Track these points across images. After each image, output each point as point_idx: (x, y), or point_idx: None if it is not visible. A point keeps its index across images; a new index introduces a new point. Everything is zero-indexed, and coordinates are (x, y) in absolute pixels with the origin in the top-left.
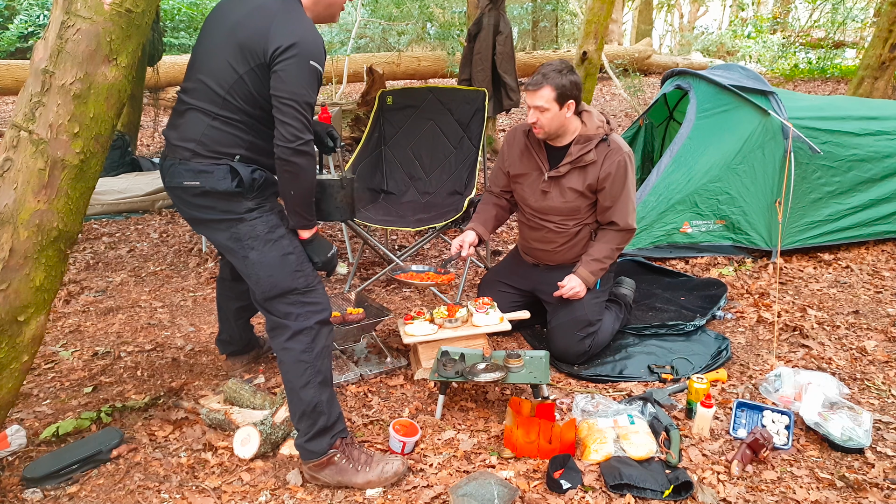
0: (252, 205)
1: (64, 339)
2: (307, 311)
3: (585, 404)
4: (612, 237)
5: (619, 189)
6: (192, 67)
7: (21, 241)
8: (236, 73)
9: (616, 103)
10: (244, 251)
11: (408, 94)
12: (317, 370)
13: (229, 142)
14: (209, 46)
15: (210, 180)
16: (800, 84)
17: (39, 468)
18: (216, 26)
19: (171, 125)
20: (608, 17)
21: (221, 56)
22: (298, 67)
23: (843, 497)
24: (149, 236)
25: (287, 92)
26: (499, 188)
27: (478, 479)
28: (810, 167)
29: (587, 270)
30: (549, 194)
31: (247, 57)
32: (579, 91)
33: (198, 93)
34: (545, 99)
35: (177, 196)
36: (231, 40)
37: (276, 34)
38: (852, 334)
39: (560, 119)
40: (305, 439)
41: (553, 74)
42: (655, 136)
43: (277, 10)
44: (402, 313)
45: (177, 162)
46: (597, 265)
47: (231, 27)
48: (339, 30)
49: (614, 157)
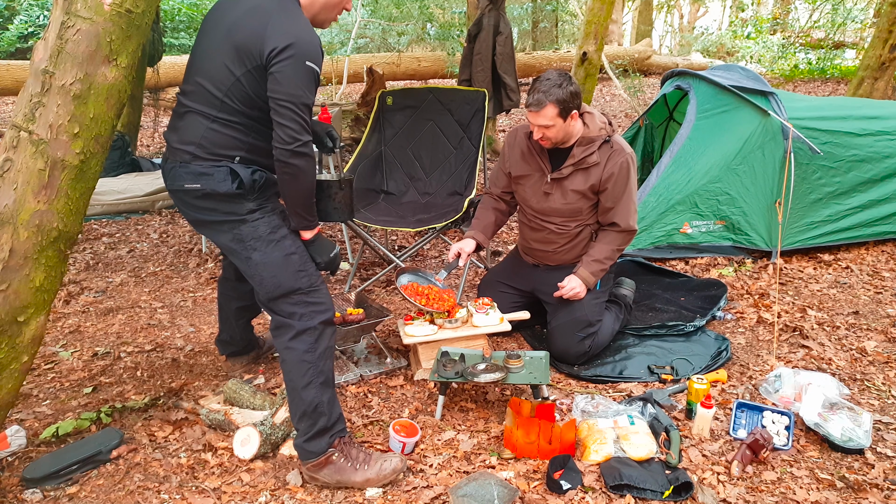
0: (253, 206)
1: (64, 340)
2: (311, 311)
3: (585, 405)
4: (613, 238)
5: (622, 190)
6: (189, 70)
7: (21, 242)
8: (233, 75)
9: (616, 104)
10: (247, 252)
11: (408, 95)
12: (319, 370)
13: (228, 143)
14: (206, 48)
15: (210, 182)
16: (800, 85)
17: (39, 469)
18: (213, 28)
19: (172, 128)
20: (608, 17)
21: (218, 58)
22: (295, 69)
23: (843, 498)
24: (149, 237)
25: (284, 94)
26: (499, 189)
27: (478, 479)
28: (810, 168)
29: (587, 271)
30: (551, 196)
31: (243, 59)
32: (580, 98)
33: (196, 95)
34: (549, 117)
35: (179, 198)
36: (227, 42)
37: (271, 35)
38: (852, 335)
39: (565, 129)
40: (304, 439)
41: (553, 91)
42: (655, 136)
43: (273, 9)
44: (402, 314)
45: (177, 165)
46: (597, 266)
47: (227, 28)
48: (339, 30)
49: (617, 158)
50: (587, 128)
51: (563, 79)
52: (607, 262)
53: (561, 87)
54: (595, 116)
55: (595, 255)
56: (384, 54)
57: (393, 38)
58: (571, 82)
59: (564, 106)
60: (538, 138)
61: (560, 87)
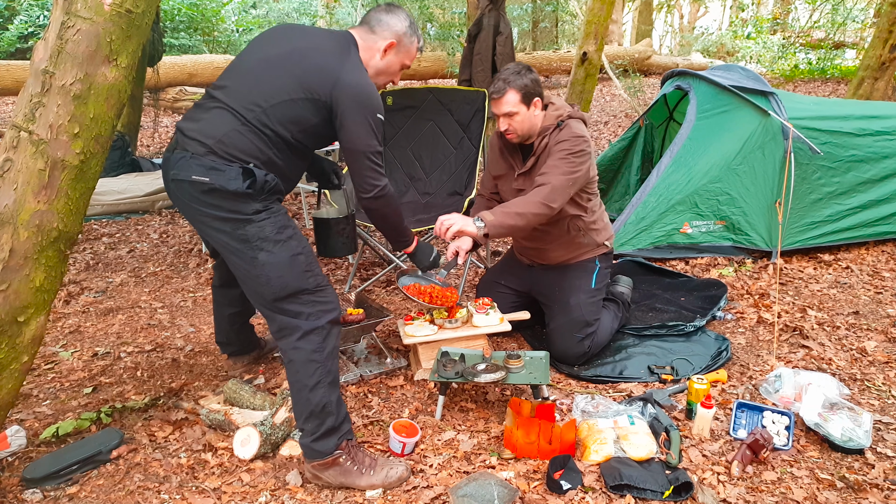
0: (259, 206)
1: (64, 340)
2: (318, 311)
3: (585, 405)
4: (529, 195)
5: (552, 165)
6: (235, 70)
7: (21, 242)
8: (288, 95)
9: (616, 104)
10: (252, 252)
11: (408, 95)
12: (327, 370)
13: (249, 149)
14: (263, 59)
15: (220, 178)
16: (800, 85)
17: (39, 469)
18: (274, 44)
19: (191, 118)
20: (608, 17)
21: (276, 73)
22: (366, 121)
23: (844, 498)
24: (149, 237)
25: (361, 145)
26: (488, 192)
27: (478, 479)
28: (810, 168)
29: (490, 214)
30: (523, 192)
31: (304, 86)
32: (541, 87)
33: (235, 95)
34: (512, 104)
35: (181, 190)
36: (290, 63)
37: (347, 82)
38: (852, 335)
39: (530, 119)
40: (312, 439)
41: (513, 77)
42: (655, 136)
43: (341, 54)
44: (402, 314)
45: (188, 155)
46: (498, 216)
47: (292, 53)
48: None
49: (561, 137)
50: (545, 119)
51: (523, 68)
52: (515, 218)
53: (520, 74)
54: (556, 106)
55: (504, 207)
56: None
57: None
58: (530, 71)
59: (525, 91)
60: (504, 130)
61: (520, 75)
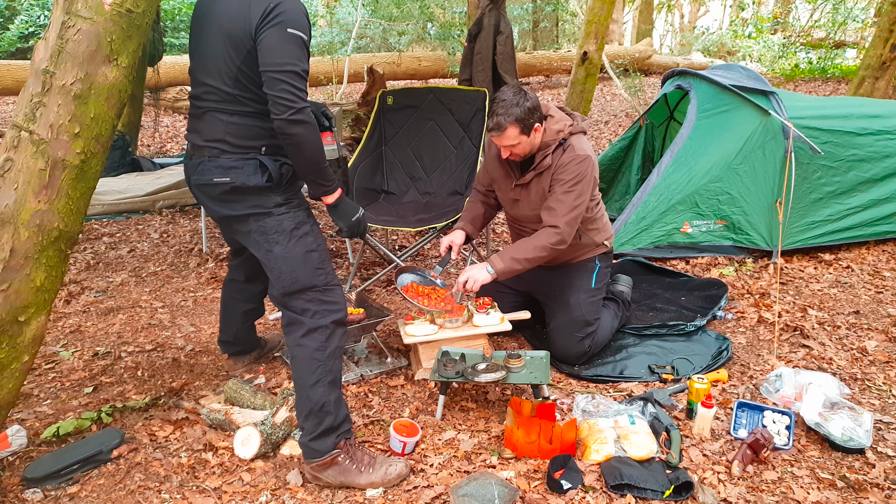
0: (281, 199)
1: (64, 340)
2: (324, 310)
3: (586, 404)
4: (541, 238)
5: (561, 190)
6: (193, 72)
7: (22, 242)
8: (234, 64)
9: (616, 103)
10: (269, 245)
11: (408, 95)
12: (328, 369)
13: (252, 134)
14: (202, 47)
15: (240, 176)
16: (800, 84)
17: (40, 468)
18: (202, 25)
19: (193, 129)
20: (609, 17)
21: (216, 53)
22: (279, 37)
23: (844, 497)
24: (149, 236)
25: (271, 64)
26: (484, 187)
27: (478, 479)
28: (811, 167)
29: (500, 263)
30: (520, 202)
31: (237, 46)
32: (540, 110)
33: (207, 95)
34: (513, 138)
35: (205, 194)
36: (219, 34)
37: (254, 9)
38: (853, 334)
39: (531, 143)
40: (310, 438)
41: (512, 110)
42: (656, 136)
43: None
44: (402, 313)
45: (206, 159)
46: (511, 263)
47: (217, 21)
48: (339, 30)
49: (566, 158)
50: (545, 133)
51: (519, 96)
52: (524, 263)
53: (518, 106)
54: (555, 119)
55: (513, 252)
56: (385, 54)
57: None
58: (527, 98)
59: (525, 123)
60: (507, 157)
61: (517, 106)
